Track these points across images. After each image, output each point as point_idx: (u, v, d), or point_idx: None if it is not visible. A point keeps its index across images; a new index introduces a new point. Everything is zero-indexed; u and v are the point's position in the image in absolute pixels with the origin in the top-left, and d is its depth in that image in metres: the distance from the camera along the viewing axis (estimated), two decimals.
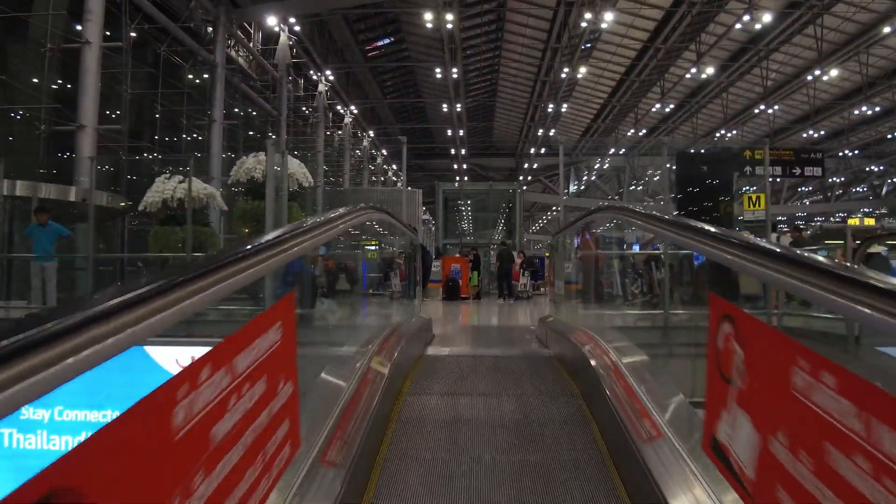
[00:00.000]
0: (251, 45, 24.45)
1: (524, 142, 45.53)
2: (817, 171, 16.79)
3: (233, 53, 23.31)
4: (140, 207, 8.99)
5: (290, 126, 27.99)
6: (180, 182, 8.86)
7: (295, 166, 8.82)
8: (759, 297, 7.54)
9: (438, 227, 27.35)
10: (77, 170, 13.73)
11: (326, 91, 29.86)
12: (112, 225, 13.11)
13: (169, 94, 21.03)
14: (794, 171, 16.47)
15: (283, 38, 25.11)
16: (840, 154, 43.61)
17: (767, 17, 25.84)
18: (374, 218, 5.10)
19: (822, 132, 39.97)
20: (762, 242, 2.10)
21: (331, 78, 29.02)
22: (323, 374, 3.67)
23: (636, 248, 13.55)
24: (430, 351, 6.76)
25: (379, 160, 39.45)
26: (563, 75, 30.01)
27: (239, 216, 8.76)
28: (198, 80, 21.52)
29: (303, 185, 8.77)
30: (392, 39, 33.43)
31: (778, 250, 1.93)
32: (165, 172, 9.34)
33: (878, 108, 35.46)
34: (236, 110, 24.89)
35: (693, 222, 2.60)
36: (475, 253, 22.08)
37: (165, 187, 8.78)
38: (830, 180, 47.85)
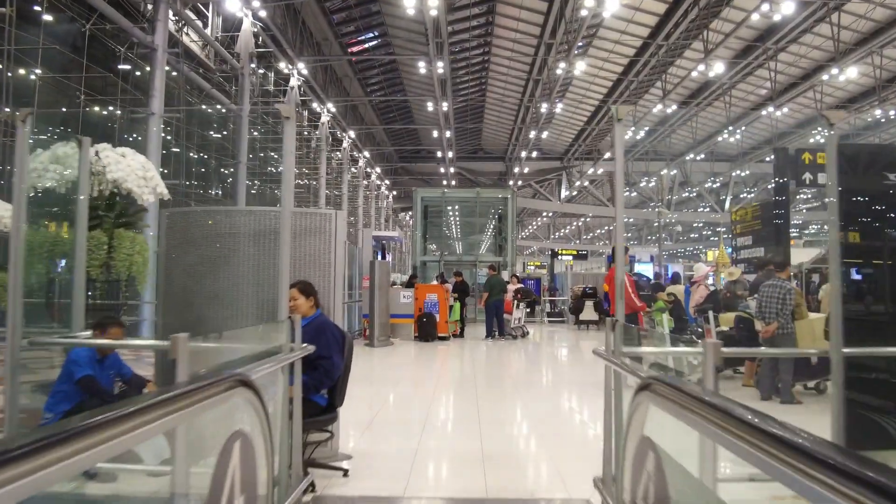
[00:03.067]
0: (208, 30, 20.40)
1: (514, 145, 41.69)
2: None
3: (184, 39, 19.26)
4: None
5: (256, 124, 24.02)
6: None
7: (136, 165, 4.77)
8: None
9: (416, 241, 23.42)
10: None
11: (300, 86, 25.88)
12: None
13: (99, 83, 17.01)
14: None
15: (247, 23, 21.33)
16: None
17: (789, 7, 22.15)
18: None
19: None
20: None
21: (304, 72, 25.01)
22: None
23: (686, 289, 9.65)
24: None
25: (361, 163, 35.43)
26: (559, 71, 26.21)
27: (28, 250, 4.66)
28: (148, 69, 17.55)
29: (145, 199, 4.76)
30: (375, 33, 29.54)
31: None
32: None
33: (891, 113, 31.94)
34: (205, 107, 21.04)
35: None
36: (460, 281, 17.91)
37: None
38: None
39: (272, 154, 27.38)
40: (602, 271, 26.63)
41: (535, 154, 42.14)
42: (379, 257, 17.70)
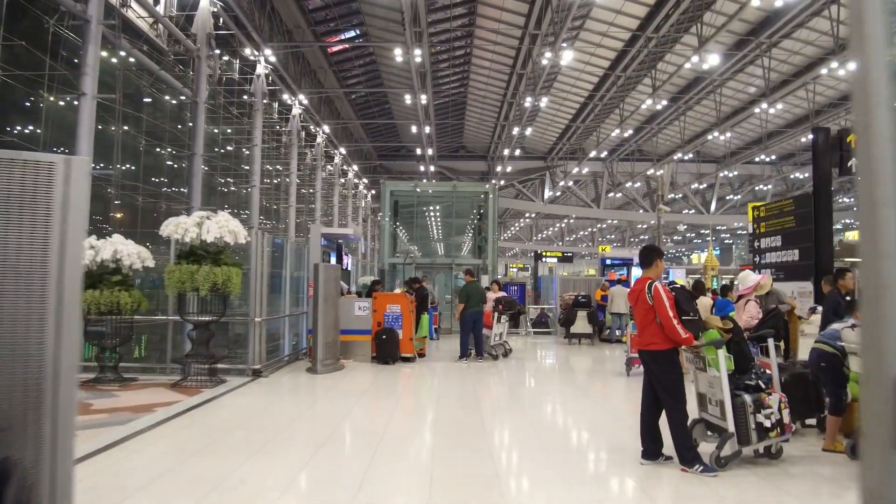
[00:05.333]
0: (160, 7, 17.69)
1: (497, 143, 39.14)
2: None
3: (129, 14, 16.58)
4: None
5: (217, 113, 21.37)
6: None
7: None
8: None
9: (384, 240, 20.77)
10: None
11: (268, 75, 23.17)
12: None
13: (24, 57, 14.44)
14: None
15: (205, 1, 18.58)
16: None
17: None
18: None
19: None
20: None
21: (272, 59, 22.32)
22: None
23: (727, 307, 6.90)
24: None
25: (337, 160, 32.69)
26: (545, 61, 23.76)
27: None
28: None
29: None
30: (352, 22, 26.94)
31: None
32: None
33: None
34: (152, 90, 18.56)
35: None
36: (418, 287, 14.94)
37: None
38: None
39: (243, 149, 24.66)
40: (593, 276, 24.04)
41: (518, 153, 39.75)
42: (333, 260, 14.88)
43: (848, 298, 7.81)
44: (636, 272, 23.54)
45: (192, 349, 9.41)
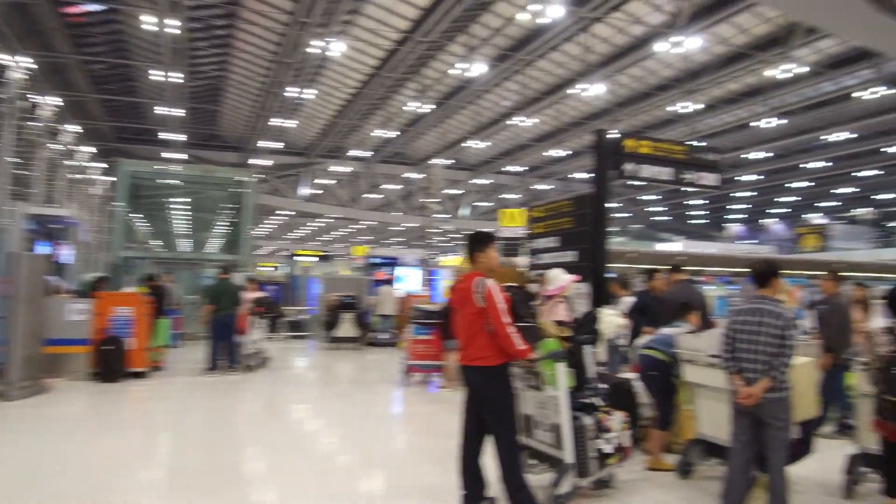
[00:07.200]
0: None
1: (254, 134, 36.35)
2: (715, 179, 10.24)
3: None
4: None
5: None
6: None
7: None
8: None
9: (117, 229, 17.64)
10: None
11: None
12: None
13: None
14: (682, 176, 9.86)
15: None
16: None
17: (551, 15, 21.09)
18: None
19: (570, 152, 36.59)
20: None
21: None
22: None
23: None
24: None
25: (66, 138, 27.92)
26: (310, 49, 22.28)
27: None
28: None
29: None
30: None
31: None
32: None
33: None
34: None
35: None
36: (156, 285, 12.36)
37: None
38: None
39: None
40: (362, 276, 22.53)
41: (276, 146, 37.26)
42: (44, 249, 11.89)
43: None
44: (399, 272, 22.60)
45: None
